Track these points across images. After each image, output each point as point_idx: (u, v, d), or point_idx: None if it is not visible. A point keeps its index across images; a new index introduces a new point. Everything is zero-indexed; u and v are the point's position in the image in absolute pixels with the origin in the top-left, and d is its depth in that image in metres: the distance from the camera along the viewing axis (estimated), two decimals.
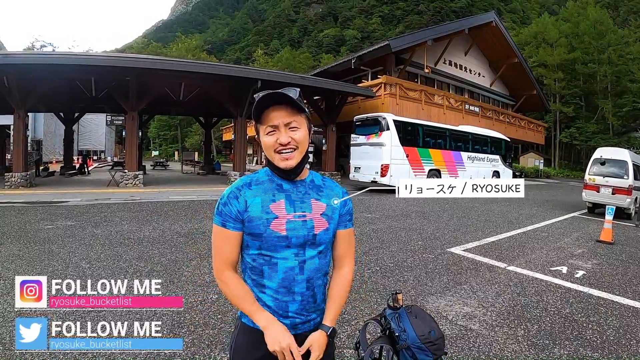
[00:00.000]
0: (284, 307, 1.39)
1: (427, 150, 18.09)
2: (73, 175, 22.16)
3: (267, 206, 1.37)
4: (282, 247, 1.36)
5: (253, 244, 1.39)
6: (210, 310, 3.85)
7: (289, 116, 1.36)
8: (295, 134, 1.37)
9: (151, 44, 75.43)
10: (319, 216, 1.43)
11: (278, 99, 1.33)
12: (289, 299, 1.38)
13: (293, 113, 1.37)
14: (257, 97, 1.35)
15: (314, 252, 1.43)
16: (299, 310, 1.41)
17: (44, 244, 6.38)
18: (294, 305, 1.39)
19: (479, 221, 10.23)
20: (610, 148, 13.92)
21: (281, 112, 1.35)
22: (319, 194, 1.48)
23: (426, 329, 1.58)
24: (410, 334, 1.56)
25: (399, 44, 21.55)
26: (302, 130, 1.39)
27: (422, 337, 1.55)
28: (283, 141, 1.35)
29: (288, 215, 1.38)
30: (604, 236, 8.34)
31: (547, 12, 75.28)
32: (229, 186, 1.45)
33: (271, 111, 1.35)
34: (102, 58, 14.62)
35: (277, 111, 1.35)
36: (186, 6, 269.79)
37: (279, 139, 1.35)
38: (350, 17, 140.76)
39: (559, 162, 51.50)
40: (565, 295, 4.74)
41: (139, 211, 10.12)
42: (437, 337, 1.58)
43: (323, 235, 1.44)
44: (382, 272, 5.29)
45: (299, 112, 1.38)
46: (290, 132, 1.36)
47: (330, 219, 1.47)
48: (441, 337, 1.60)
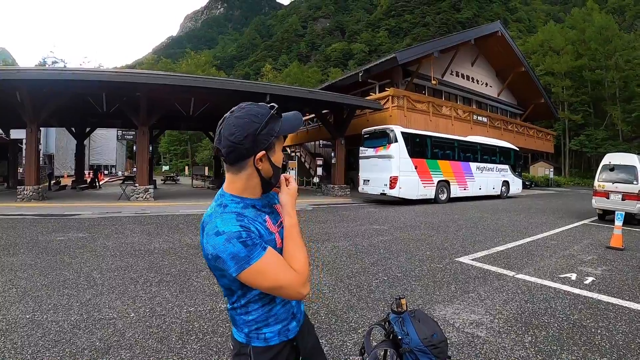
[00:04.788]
0: (289, 308, 1.41)
1: (436, 162, 18.06)
2: (84, 190, 22.46)
3: (266, 227, 1.32)
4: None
5: None
6: (219, 318, 3.90)
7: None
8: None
9: (161, 60, 76.50)
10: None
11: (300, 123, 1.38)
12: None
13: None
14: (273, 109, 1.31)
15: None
16: (297, 301, 1.45)
17: (56, 254, 6.51)
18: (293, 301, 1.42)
19: (488, 231, 10.18)
20: (619, 154, 13.79)
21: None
22: (273, 194, 1.47)
23: (429, 333, 1.62)
24: (413, 338, 1.60)
25: (406, 57, 21.69)
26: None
27: (425, 341, 1.59)
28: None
29: (277, 228, 1.38)
30: (614, 242, 8.27)
31: (553, 20, 75.47)
32: (226, 223, 1.21)
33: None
34: (112, 74, 14.86)
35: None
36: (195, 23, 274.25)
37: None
38: (357, 30, 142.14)
39: (569, 171, 51.17)
40: (573, 301, 4.70)
41: (149, 224, 10.23)
42: (439, 340, 1.61)
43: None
44: (390, 282, 5.30)
45: None
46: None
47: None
48: (444, 341, 1.63)
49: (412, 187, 16.71)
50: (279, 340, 1.37)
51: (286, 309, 1.39)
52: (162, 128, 31.94)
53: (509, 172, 23.02)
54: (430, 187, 17.57)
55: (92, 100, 19.37)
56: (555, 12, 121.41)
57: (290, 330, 1.40)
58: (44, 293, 4.58)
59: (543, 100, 35.30)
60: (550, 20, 77.80)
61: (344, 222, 11.30)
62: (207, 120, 26.27)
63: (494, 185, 21.67)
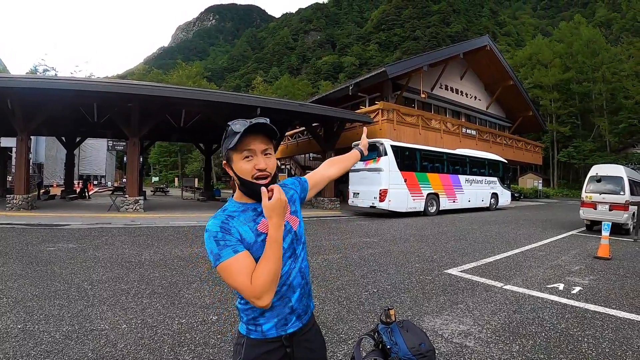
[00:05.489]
0: (287, 302, 1.46)
1: (425, 175, 18.19)
2: (73, 200, 22.28)
3: (255, 229, 1.42)
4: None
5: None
6: (210, 330, 3.92)
7: (265, 143, 1.42)
8: (269, 161, 1.43)
9: (152, 71, 76.47)
10: (289, 215, 1.52)
11: (260, 127, 1.39)
12: (290, 293, 1.47)
13: (267, 141, 1.43)
14: (234, 125, 1.39)
15: (300, 245, 1.55)
16: (298, 297, 1.50)
17: (46, 264, 6.49)
18: (294, 295, 1.48)
19: (477, 243, 10.27)
20: (606, 165, 14.05)
21: (258, 139, 1.41)
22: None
23: (417, 342, 1.66)
24: (401, 347, 1.64)
25: (395, 71, 21.95)
26: (273, 157, 1.47)
27: (413, 350, 1.63)
28: (262, 166, 1.40)
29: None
30: (601, 252, 8.42)
31: (541, 34, 76.63)
32: (212, 222, 1.40)
33: (249, 138, 1.39)
34: (104, 84, 14.79)
35: (254, 138, 1.40)
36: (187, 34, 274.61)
37: (257, 164, 1.40)
38: (348, 44, 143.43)
39: (558, 182, 51.68)
40: (561, 311, 4.78)
41: (139, 235, 10.19)
42: (427, 349, 1.65)
43: (299, 229, 1.56)
44: (380, 294, 5.34)
45: (271, 140, 1.45)
46: (265, 158, 1.42)
47: (296, 212, 1.60)
48: (432, 350, 1.67)
49: (401, 200, 16.79)
50: (276, 333, 1.45)
51: (283, 302, 1.46)
52: (152, 139, 31.87)
53: (498, 184, 23.26)
54: (419, 199, 17.67)
55: (83, 110, 19.35)
56: (544, 25, 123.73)
57: (288, 324, 1.47)
58: (35, 303, 4.56)
59: (531, 112, 35.85)
60: (538, 34, 79.11)
61: (334, 235, 11.33)
62: (197, 131, 26.26)
63: (482, 197, 21.86)
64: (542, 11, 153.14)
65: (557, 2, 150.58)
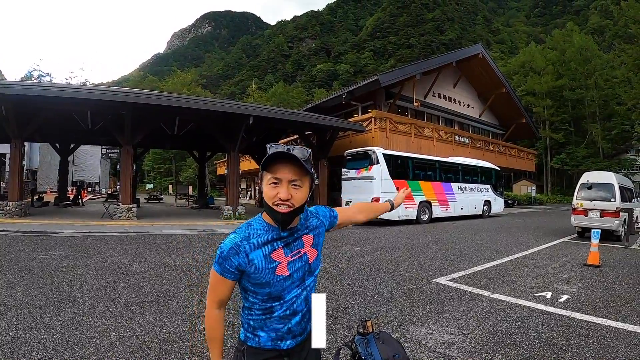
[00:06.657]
0: (286, 323, 1.53)
1: (418, 183, 18.27)
2: (67, 206, 22.22)
3: (269, 256, 1.45)
4: (287, 285, 1.50)
5: (262, 291, 1.47)
6: (197, 339, 3.95)
7: (294, 174, 1.39)
8: (296, 193, 1.41)
9: (147, 78, 76.34)
10: (310, 247, 1.59)
11: (288, 157, 1.37)
12: (292, 317, 1.53)
13: (299, 172, 1.41)
14: (269, 147, 1.40)
15: (312, 277, 1.61)
16: (298, 321, 1.56)
17: (38, 272, 6.53)
18: (295, 319, 1.54)
19: (467, 251, 10.33)
20: (597, 172, 14.17)
21: (288, 167, 1.39)
22: (308, 227, 1.63)
23: (391, 353, 1.70)
24: (376, 358, 1.69)
25: (388, 79, 22.08)
26: (303, 190, 1.44)
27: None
28: (283, 197, 1.38)
29: (287, 258, 1.50)
30: (590, 260, 8.48)
31: (534, 42, 77.10)
32: (229, 237, 1.47)
33: (279, 165, 1.39)
34: (98, 92, 14.77)
35: (284, 166, 1.39)
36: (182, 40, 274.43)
37: (280, 193, 1.38)
38: (342, 51, 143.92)
39: (551, 188, 51.84)
40: (547, 319, 4.82)
41: (131, 244, 10.21)
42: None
43: (315, 262, 1.62)
44: (366, 303, 5.38)
45: (306, 173, 1.43)
46: (292, 189, 1.40)
47: (317, 245, 1.65)
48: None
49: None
50: (271, 345, 1.53)
51: (283, 323, 1.52)
52: (146, 146, 31.84)
53: (491, 192, 23.36)
54: (412, 207, 17.73)
55: (78, 117, 19.35)
56: (537, 33, 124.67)
57: (283, 341, 1.54)
58: (26, 311, 4.60)
59: (524, 120, 36.07)
60: (531, 42, 79.70)
61: (324, 243, 11.29)
62: (191, 139, 26.22)
63: (475, 205, 21.96)
64: (536, 19, 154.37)
65: (550, 9, 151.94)
